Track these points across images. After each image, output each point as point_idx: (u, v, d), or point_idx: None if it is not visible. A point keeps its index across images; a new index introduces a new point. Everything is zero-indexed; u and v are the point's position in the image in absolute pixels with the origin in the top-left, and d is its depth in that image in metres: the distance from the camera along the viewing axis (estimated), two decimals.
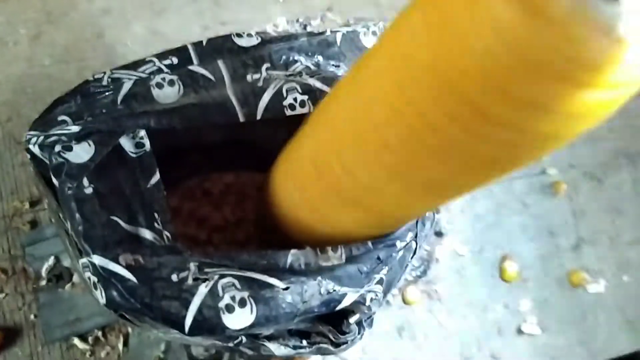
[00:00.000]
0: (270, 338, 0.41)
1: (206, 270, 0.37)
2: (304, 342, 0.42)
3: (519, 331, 0.63)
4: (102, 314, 0.56)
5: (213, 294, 0.36)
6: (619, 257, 0.68)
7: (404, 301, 0.61)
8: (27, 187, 0.58)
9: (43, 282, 0.56)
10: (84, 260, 0.36)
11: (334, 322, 0.41)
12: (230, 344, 0.40)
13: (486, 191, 0.66)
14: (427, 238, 0.61)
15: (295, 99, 0.42)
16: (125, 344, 0.56)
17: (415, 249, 0.46)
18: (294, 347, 0.42)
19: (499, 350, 0.62)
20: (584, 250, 0.67)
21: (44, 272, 0.56)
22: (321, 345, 0.42)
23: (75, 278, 0.56)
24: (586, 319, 0.65)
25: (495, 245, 0.65)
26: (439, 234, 0.64)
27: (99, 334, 0.56)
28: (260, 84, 0.41)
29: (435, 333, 0.61)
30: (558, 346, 0.64)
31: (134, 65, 0.40)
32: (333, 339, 0.42)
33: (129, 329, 0.56)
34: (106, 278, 0.35)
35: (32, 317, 0.55)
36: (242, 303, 0.36)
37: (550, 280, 0.65)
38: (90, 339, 0.55)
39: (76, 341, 0.55)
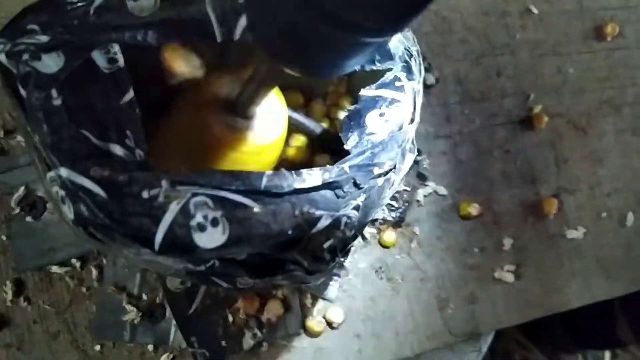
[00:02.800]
0: (243, 264, 0.40)
1: (178, 188, 0.36)
2: (278, 271, 0.42)
3: (496, 276, 0.63)
4: (76, 245, 0.55)
5: (185, 212, 0.35)
6: (598, 207, 0.68)
7: (382, 243, 0.61)
8: (0, 114, 0.56)
9: (15, 212, 0.55)
10: (51, 173, 0.35)
11: (307, 248, 0.40)
12: (202, 268, 0.39)
13: (468, 137, 0.65)
14: (407, 178, 0.61)
15: None
16: (100, 275, 0.55)
17: (394, 182, 0.45)
18: (268, 275, 0.41)
19: (475, 294, 0.62)
20: (564, 198, 0.67)
21: (13, 202, 0.55)
22: (295, 273, 0.42)
23: (49, 207, 0.55)
24: (563, 266, 0.65)
25: (475, 191, 0.64)
26: (420, 176, 0.63)
27: (75, 264, 0.55)
28: (241, 0, 0.40)
29: (413, 275, 0.61)
30: (534, 291, 0.64)
31: None
32: (307, 267, 0.41)
33: (104, 260, 0.55)
34: (74, 192, 0.34)
35: (3, 245, 0.54)
36: (215, 222, 0.36)
37: (529, 227, 0.65)
38: (64, 269, 0.55)
39: (54, 269, 0.54)
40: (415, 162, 0.63)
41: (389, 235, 0.61)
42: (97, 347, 0.54)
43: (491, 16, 0.69)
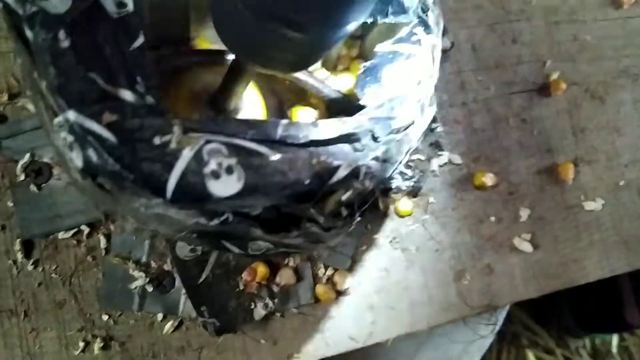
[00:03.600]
0: (257, 220, 0.39)
1: (191, 134, 0.34)
2: (293, 227, 0.40)
3: (513, 247, 0.61)
4: (83, 212, 0.53)
5: (198, 159, 0.34)
6: (616, 177, 0.66)
7: (398, 212, 0.60)
8: (4, 78, 0.55)
9: (21, 178, 0.53)
10: (59, 119, 0.33)
11: (325, 202, 0.39)
12: (216, 222, 0.37)
13: (483, 106, 0.64)
14: (421, 147, 0.59)
15: None
16: (108, 244, 0.54)
17: (412, 138, 0.44)
18: (283, 230, 0.40)
19: (492, 265, 0.61)
20: (582, 168, 0.65)
21: (18, 169, 0.53)
22: (311, 229, 0.40)
23: (55, 173, 0.53)
24: (581, 238, 0.64)
25: (491, 161, 0.63)
26: (436, 144, 0.61)
27: (83, 231, 0.53)
28: None
29: (428, 246, 0.60)
30: (552, 263, 0.62)
31: None
32: (323, 223, 0.40)
33: (112, 227, 0.54)
34: (83, 137, 0.33)
35: (8, 211, 0.53)
36: (229, 170, 0.34)
37: (546, 197, 0.63)
38: (71, 237, 0.53)
39: (60, 235, 0.53)
40: (430, 130, 0.61)
41: (405, 205, 0.59)
42: (105, 317, 0.53)
43: None
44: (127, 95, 0.34)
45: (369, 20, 0.44)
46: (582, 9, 0.69)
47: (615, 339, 1.33)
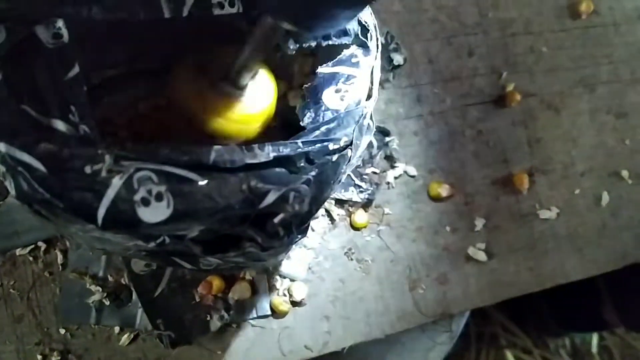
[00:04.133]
0: (195, 241, 0.40)
1: (122, 163, 0.35)
2: (231, 247, 0.41)
3: (468, 256, 0.63)
4: (39, 229, 0.55)
5: (128, 186, 0.35)
6: (572, 186, 0.67)
7: (353, 225, 0.61)
8: None
9: None
10: None
11: (261, 225, 0.40)
12: (153, 244, 0.39)
13: (440, 118, 0.65)
14: (374, 160, 0.60)
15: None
16: (65, 259, 0.55)
17: (350, 158, 0.45)
18: (221, 251, 0.41)
19: (447, 275, 0.62)
20: (537, 178, 0.66)
21: None
22: (250, 250, 0.41)
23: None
24: (535, 246, 0.65)
25: (447, 172, 0.64)
26: (390, 158, 0.63)
27: (40, 247, 0.55)
28: None
29: (383, 256, 0.61)
30: (507, 272, 0.64)
31: None
32: (261, 243, 0.41)
33: (68, 244, 0.55)
34: (14, 167, 0.34)
35: None
36: (159, 197, 0.35)
37: (502, 207, 0.65)
38: (28, 253, 0.54)
39: (18, 252, 0.54)
40: (385, 144, 0.62)
41: (360, 217, 0.61)
42: (62, 331, 0.54)
43: None
44: (59, 125, 0.35)
45: (313, 44, 0.45)
46: (539, 21, 0.70)
47: (595, 339, 1.35)
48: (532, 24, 0.69)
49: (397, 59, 0.63)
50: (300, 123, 0.45)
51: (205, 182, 0.36)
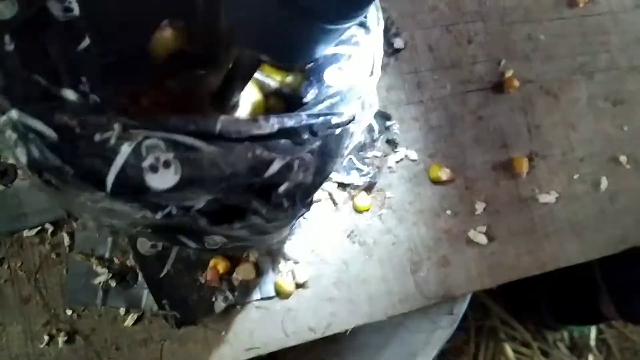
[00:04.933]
0: (202, 212, 0.41)
1: (131, 131, 0.36)
2: (236, 219, 0.42)
3: (468, 239, 0.63)
4: (47, 211, 0.55)
5: (136, 153, 0.36)
6: (571, 171, 0.68)
7: (356, 208, 0.62)
8: None
9: None
10: (4, 117, 0.35)
11: (266, 196, 0.41)
12: (160, 215, 0.39)
13: (440, 104, 0.66)
14: (375, 144, 0.61)
15: None
16: (72, 241, 0.56)
17: (353, 133, 0.45)
18: (226, 222, 0.42)
19: (448, 257, 0.63)
20: (537, 163, 0.67)
21: None
22: (255, 221, 0.42)
23: (20, 174, 0.55)
24: (535, 230, 0.66)
25: (447, 156, 0.65)
26: (391, 142, 0.63)
27: (47, 229, 0.55)
28: None
29: (385, 239, 0.62)
30: (507, 255, 0.64)
31: None
32: (265, 214, 0.42)
33: (74, 225, 0.56)
34: (25, 134, 0.35)
35: None
36: (167, 164, 0.36)
37: (502, 191, 0.66)
38: (36, 235, 0.55)
39: (26, 233, 0.55)
40: (386, 128, 0.63)
41: (363, 200, 0.62)
42: (69, 311, 0.55)
43: None
44: (69, 94, 0.36)
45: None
46: (537, 9, 0.71)
47: (593, 332, 1.35)
48: (530, 12, 0.71)
49: (398, 42, 0.64)
50: (303, 100, 0.45)
51: (212, 148, 0.37)
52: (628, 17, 0.74)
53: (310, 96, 0.45)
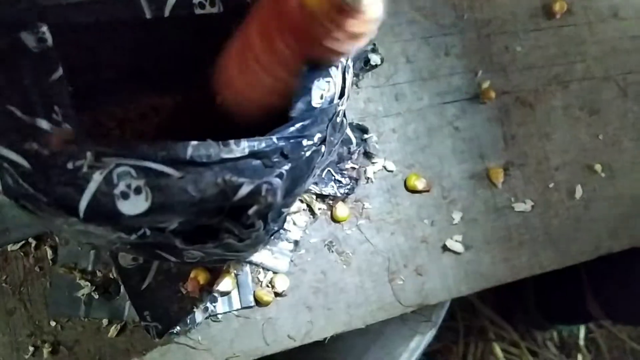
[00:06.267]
0: (175, 233, 0.42)
1: (103, 159, 0.37)
2: (210, 239, 0.44)
3: (445, 248, 0.65)
4: (30, 226, 0.57)
5: (108, 181, 0.37)
6: (546, 180, 0.70)
7: (335, 218, 0.63)
8: None
9: None
10: None
11: (237, 217, 0.42)
12: (135, 237, 0.41)
13: (417, 115, 0.67)
14: (353, 156, 0.63)
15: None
16: (54, 255, 0.57)
17: (324, 153, 0.47)
18: (200, 242, 0.43)
19: (425, 266, 0.64)
20: (512, 172, 0.69)
21: None
22: (228, 241, 0.44)
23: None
24: (511, 238, 0.67)
25: (425, 167, 0.66)
26: (368, 154, 0.65)
27: (31, 243, 0.57)
28: None
29: (363, 249, 0.63)
30: (483, 263, 0.66)
31: None
32: (238, 234, 0.43)
33: (57, 239, 0.57)
34: (1, 164, 0.36)
35: None
36: (138, 190, 0.37)
37: (478, 201, 0.67)
38: (19, 249, 0.57)
39: (9, 247, 0.56)
40: (364, 140, 0.65)
41: (342, 210, 0.63)
42: (53, 323, 0.56)
43: None
44: (43, 124, 0.37)
45: None
46: (514, 21, 0.72)
47: (582, 331, 1.37)
48: (507, 24, 0.72)
49: (374, 59, 0.65)
50: (291, 114, 0.47)
51: (181, 175, 0.38)
52: (604, 27, 0.75)
53: (297, 112, 0.46)
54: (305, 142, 0.44)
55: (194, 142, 0.40)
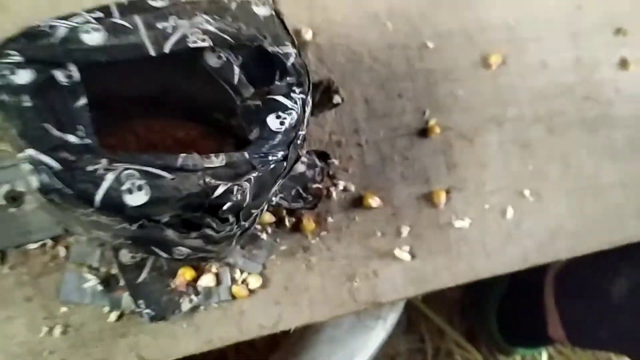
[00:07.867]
0: (167, 224, 0.55)
1: (114, 164, 0.50)
2: (193, 230, 0.56)
3: (394, 256, 0.77)
4: (48, 229, 0.69)
5: (117, 180, 0.50)
6: (482, 202, 0.82)
7: (300, 229, 0.75)
8: None
9: (2, 203, 0.69)
10: (23, 154, 0.50)
11: (215, 212, 0.55)
12: (136, 226, 0.53)
13: (374, 146, 0.81)
14: (318, 177, 0.76)
15: (197, 39, 0.56)
16: (68, 253, 0.69)
17: (286, 167, 0.60)
18: (185, 232, 0.56)
19: (377, 271, 0.76)
20: (454, 195, 0.82)
21: (1, 196, 0.69)
22: (207, 232, 0.56)
23: (28, 199, 0.69)
24: (451, 249, 0.80)
25: (379, 188, 0.79)
26: (331, 176, 0.78)
27: (48, 243, 0.69)
28: (169, 30, 0.54)
29: (325, 255, 0.76)
30: (427, 270, 0.78)
31: (67, 17, 0.53)
32: (215, 227, 0.56)
33: (70, 240, 0.69)
34: (38, 166, 0.49)
35: None
36: (140, 188, 0.50)
37: (424, 218, 0.80)
38: (39, 247, 0.69)
39: (30, 246, 0.68)
40: (328, 164, 0.78)
41: (308, 223, 0.75)
42: (64, 309, 0.68)
43: (394, 49, 0.85)
44: (71, 138, 0.50)
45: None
46: (457, 70, 0.86)
47: (544, 356, 1.47)
48: (451, 72, 0.86)
49: (336, 98, 0.79)
50: (249, 137, 0.60)
51: (172, 177, 0.51)
52: (535, 77, 0.89)
53: (254, 135, 0.59)
54: (270, 157, 0.57)
55: (183, 155, 0.53)
